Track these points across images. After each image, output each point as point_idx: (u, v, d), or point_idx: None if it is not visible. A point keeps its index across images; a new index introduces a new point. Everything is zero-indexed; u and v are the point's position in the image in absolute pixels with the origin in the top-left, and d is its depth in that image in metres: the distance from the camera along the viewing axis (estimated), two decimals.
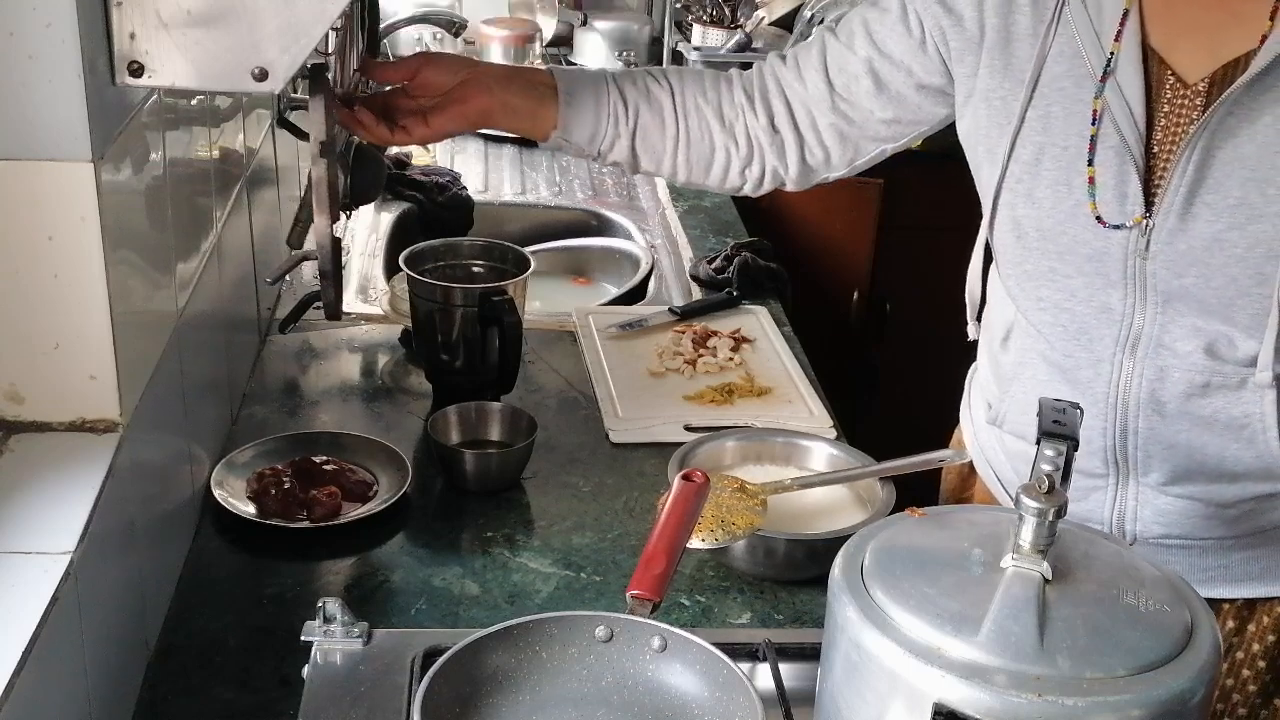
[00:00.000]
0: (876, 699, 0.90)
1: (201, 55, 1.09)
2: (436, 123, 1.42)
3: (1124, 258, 1.27)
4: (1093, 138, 1.26)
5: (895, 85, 1.42)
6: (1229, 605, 1.40)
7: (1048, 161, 1.30)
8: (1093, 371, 1.32)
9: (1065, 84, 1.28)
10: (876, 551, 0.97)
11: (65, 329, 1.12)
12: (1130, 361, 1.30)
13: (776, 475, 1.52)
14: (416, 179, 2.45)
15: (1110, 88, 1.25)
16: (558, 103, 1.43)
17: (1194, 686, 0.87)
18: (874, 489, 1.49)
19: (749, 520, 1.33)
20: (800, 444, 1.59)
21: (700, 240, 2.49)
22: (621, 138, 1.46)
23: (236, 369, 1.75)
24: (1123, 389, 1.31)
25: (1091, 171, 1.26)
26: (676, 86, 1.47)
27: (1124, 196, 1.26)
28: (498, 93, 1.42)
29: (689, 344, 1.97)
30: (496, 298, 1.70)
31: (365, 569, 1.44)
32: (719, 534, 1.30)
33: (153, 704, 1.23)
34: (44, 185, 1.07)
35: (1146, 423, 1.31)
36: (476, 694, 1.06)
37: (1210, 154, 1.21)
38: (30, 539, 1.02)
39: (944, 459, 1.51)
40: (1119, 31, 1.25)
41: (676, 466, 1.46)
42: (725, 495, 1.35)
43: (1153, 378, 1.29)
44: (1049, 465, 1.06)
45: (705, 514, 1.30)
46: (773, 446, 1.59)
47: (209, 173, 1.52)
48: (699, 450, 1.54)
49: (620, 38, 3.50)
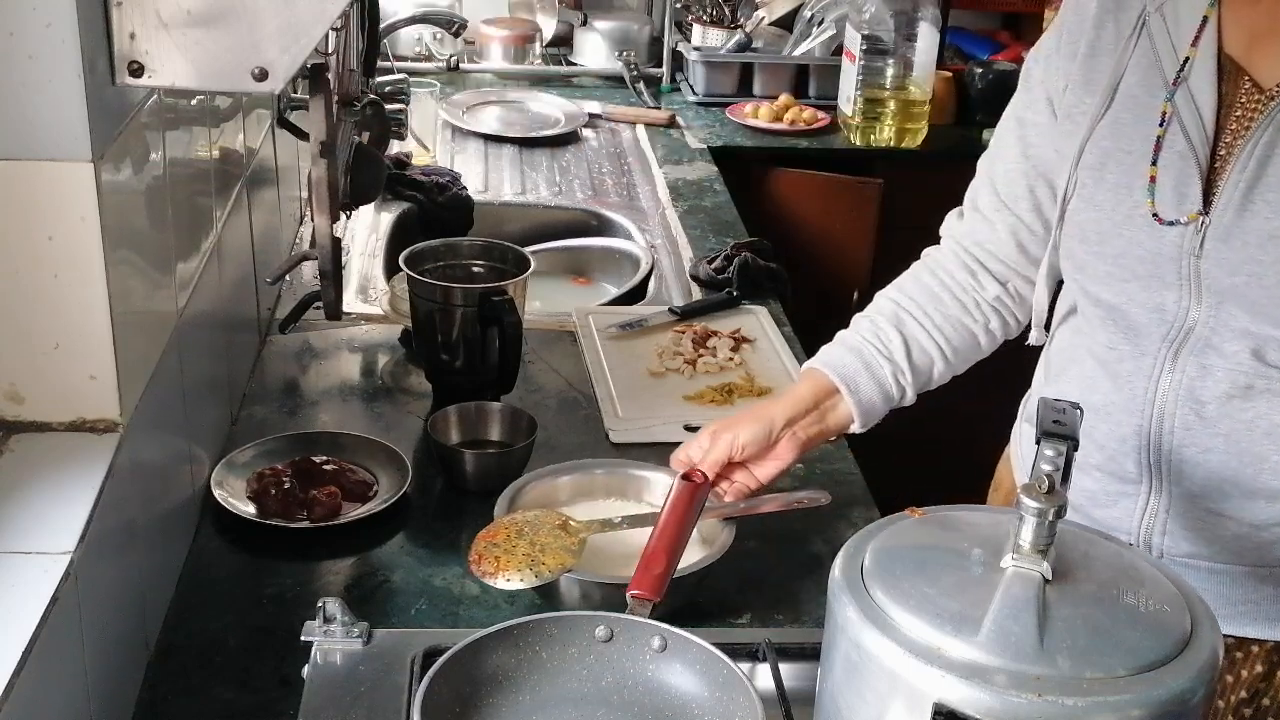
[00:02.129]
0: (876, 699, 0.90)
1: (201, 55, 1.09)
2: (763, 474, 1.44)
3: (1178, 257, 1.26)
4: (1159, 139, 1.26)
5: (1052, 173, 1.41)
6: (1259, 647, 1.36)
7: (1112, 165, 1.30)
8: (1134, 365, 1.32)
9: (1138, 92, 1.29)
10: (876, 551, 0.97)
11: (65, 329, 1.12)
12: (1173, 358, 1.29)
13: (621, 510, 1.45)
14: (416, 179, 2.45)
15: (1181, 94, 1.26)
16: (847, 404, 1.45)
17: (1194, 686, 0.86)
18: (715, 528, 1.41)
19: (560, 560, 1.28)
20: (649, 477, 1.52)
21: (700, 240, 2.49)
22: (908, 391, 1.47)
23: (236, 369, 1.75)
24: (1163, 384, 1.30)
25: (1153, 171, 1.26)
26: (937, 322, 1.48)
27: (1183, 196, 1.25)
28: (803, 438, 1.44)
29: (689, 344, 1.97)
30: (496, 298, 1.70)
31: (365, 569, 1.44)
32: (525, 574, 1.26)
33: (153, 704, 1.23)
34: (44, 185, 1.07)
35: (1183, 421, 1.29)
36: (476, 694, 1.06)
37: (1273, 149, 1.20)
38: (30, 539, 1.02)
39: (802, 500, 1.47)
40: (1196, 38, 1.25)
41: (506, 504, 1.41)
42: (543, 533, 1.31)
43: (1194, 374, 1.28)
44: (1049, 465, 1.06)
45: (517, 551, 1.28)
46: (623, 480, 1.52)
47: (209, 173, 1.52)
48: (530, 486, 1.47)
49: (620, 38, 3.50)
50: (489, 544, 1.29)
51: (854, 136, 3.09)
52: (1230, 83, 1.25)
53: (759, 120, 3.16)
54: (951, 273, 1.49)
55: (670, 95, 3.40)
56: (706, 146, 3.04)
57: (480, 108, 3.15)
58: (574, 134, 3.05)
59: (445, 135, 2.99)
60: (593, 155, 2.97)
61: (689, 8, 3.51)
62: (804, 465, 1.69)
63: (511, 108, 3.19)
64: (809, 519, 1.55)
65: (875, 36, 3.01)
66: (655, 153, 2.99)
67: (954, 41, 3.50)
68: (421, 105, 2.87)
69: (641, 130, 3.13)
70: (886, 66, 3.02)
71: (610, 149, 3.02)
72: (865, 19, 3.02)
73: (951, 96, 3.24)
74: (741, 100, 3.28)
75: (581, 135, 3.07)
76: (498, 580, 1.26)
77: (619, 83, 3.43)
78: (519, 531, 1.31)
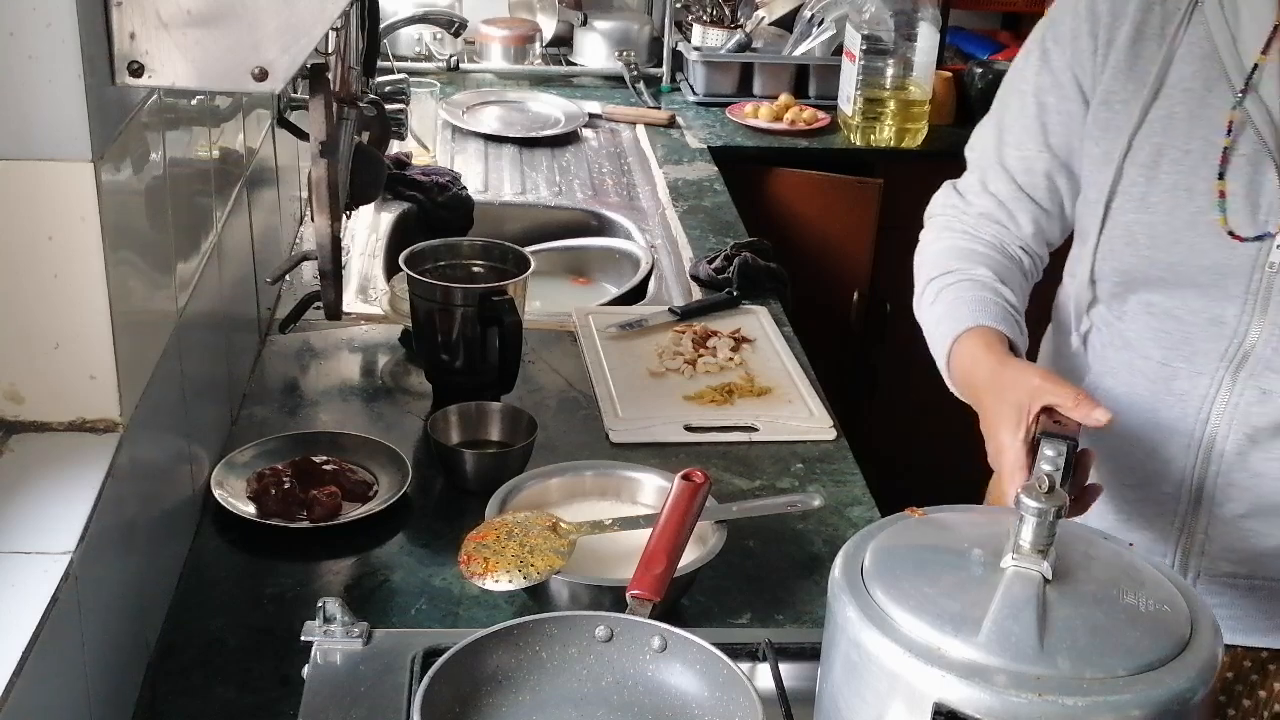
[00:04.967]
0: (877, 699, 0.90)
1: (201, 55, 1.09)
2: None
3: (1250, 270, 1.21)
4: (1225, 149, 1.20)
5: (1074, 161, 1.35)
6: None
7: (1166, 165, 1.24)
8: (1189, 384, 1.26)
9: (1193, 85, 1.23)
10: (877, 552, 0.97)
11: (65, 329, 1.12)
12: (1232, 380, 1.24)
13: (613, 512, 1.44)
14: (416, 179, 2.45)
15: (1252, 101, 1.20)
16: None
17: (1194, 686, 0.86)
18: (706, 530, 1.39)
19: (549, 562, 1.28)
20: (641, 478, 1.50)
21: (700, 240, 2.48)
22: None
23: (236, 369, 1.75)
24: (1217, 409, 1.24)
25: (1222, 185, 1.20)
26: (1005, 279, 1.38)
27: (1256, 206, 1.20)
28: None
29: (689, 344, 1.97)
30: (496, 298, 1.70)
31: (365, 569, 1.44)
32: (514, 576, 1.26)
33: (153, 704, 1.23)
34: (44, 185, 1.07)
35: (1235, 449, 1.25)
36: (476, 694, 1.06)
37: None
38: (30, 539, 1.02)
39: (793, 504, 1.46)
40: (1267, 45, 1.19)
41: (497, 506, 1.41)
42: (533, 534, 1.31)
43: (1252, 400, 1.23)
44: (1049, 465, 1.06)
45: (507, 553, 1.28)
46: (615, 482, 1.50)
47: (209, 173, 1.52)
48: (522, 488, 1.47)
49: (620, 38, 3.50)
50: (478, 545, 1.29)
51: (854, 136, 3.09)
52: None
53: (759, 120, 3.16)
54: (993, 248, 1.40)
55: (670, 95, 3.40)
56: (706, 146, 3.04)
57: (480, 108, 3.15)
58: (574, 134, 3.05)
59: (445, 135, 2.99)
60: (593, 155, 2.97)
61: (689, 8, 3.51)
62: (804, 465, 1.69)
63: (511, 108, 3.19)
64: (809, 519, 1.55)
65: (875, 36, 3.01)
66: (655, 153, 2.99)
67: (954, 41, 3.50)
68: (421, 105, 2.87)
69: (641, 130, 3.13)
70: (886, 66, 3.02)
71: (610, 149, 3.02)
72: (865, 19, 3.02)
73: (951, 96, 3.24)
74: (741, 100, 3.28)
75: (581, 135, 3.07)
76: (486, 581, 1.26)
77: (619, 83, 3.43)
78: (509, 533, 1.31)
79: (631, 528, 1.36)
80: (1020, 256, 1.40)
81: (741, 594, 1.42)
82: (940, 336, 1.33)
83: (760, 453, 1.72)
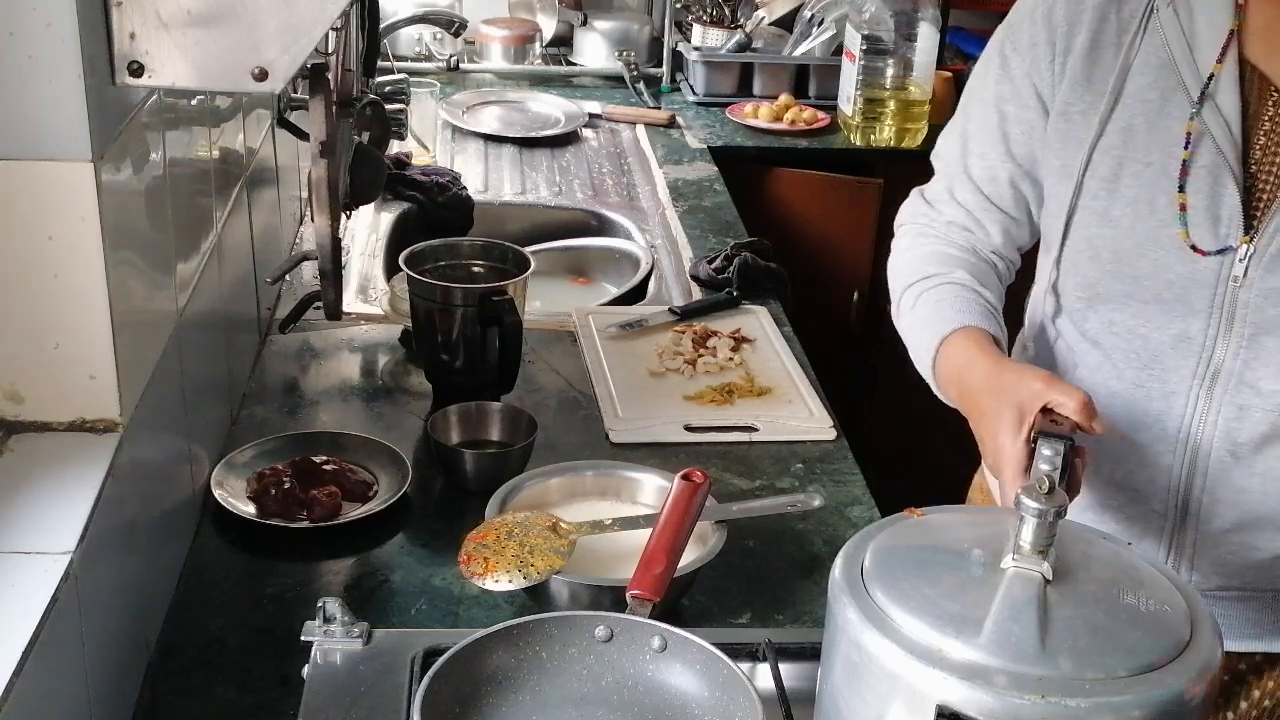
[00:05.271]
0: (878, 700, 0.90)
1: (201, 55, 1.09)
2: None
3: (1214, 284, 1.19)
4: (1185, 162, 1.18)
5: (1038, 169, 1.34)
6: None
7: (1126, 178, 1.22)
8: (1164, 404, 1.24)
9: (1150, 96, 1.21)
10: (877, 552, 0.97)
11: (65, 329, 1.12)
12: (1207, 398, 1.22)
13: (613, 512, 1.44)
14: (416, 179, 2.45)
15: (1209, 111, 1.17)
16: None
17: (1194, 687, 0.86)
18: (705, 530, 1.39)
19: (549, 562, 1.28)
20: (641, 478, 1.50)
21: (700, 240, 2.48)
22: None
23: (236, 369, 1.75)
24: (1196, 427, 1.23)
25: (1183, 199, 1.18)
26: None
27: (1217, 219, 1.18)
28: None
29: (689, 344, 1.97)
30: (496, 298, 1.70)
31: (365, 569, 1.44)
32: (514, 575, 1.26)
33: (153, 704, 1.23)
34: (44, 185, 1.07)
35: (1218, 464, 1.23)
36: (476, 694, 1.06)
37: None
38: (30, 539, 1.02)
39: (793, 504, 1.46)
40: (1222, 52, 1.17)
41: (497, 506, 1.41)
42: (533, 534, 1.31)
43: (1230, 417, 1.21)
44: (1046, 465, 1.06)
45: (506, 553, 1.28)
46: (615, 482, 1.51)
47: (209, 173, 1.52)
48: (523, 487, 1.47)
49: (620, 38, 3.50)
50: (478, 545, 1.30)
51: (854, 136, 3.09)
52: (1253, 92, 1.18)
53: (759, 120, 3.16)
54: (967, 252, 1.39)
55: (670, 95, 3.40)
56: (706, 146, 3.04)
57: (480, 108, 3.15)
58: (574, 134, 3.05)
59: (445, 135, 2.99)
60: (593, 155, 2.97)
61: (689, 8, 3.51)
62: (804, 465, 1.69)
63: (511, 108, 3.18)
64: (809, 519, 1.55)
65: (875, 36, 3.01)
66: (655, 153, 2.99)
67: (954, 41, 3.50)
68: (421, 105, 2.87)
69: (641, 130, 3.13)
70: (886, 66, 3.02)
71: (610, 149, 3.02)
72: (865, 19, 3.02)
73: (951, 96, 3.23)
74: (741, 100, 3.28)
75: (581, 135, 3.07)
76: (486, 581, 1.26)
77: (619, 83, 3.43)
78: (509, 533, 1.31)
79: (631, 528, 1.36)
80: (994, 260, 1.39)
81: (741, 594, 1.42)
82: (925, 339, 1.33)
83: (760, 453, 1.72)
